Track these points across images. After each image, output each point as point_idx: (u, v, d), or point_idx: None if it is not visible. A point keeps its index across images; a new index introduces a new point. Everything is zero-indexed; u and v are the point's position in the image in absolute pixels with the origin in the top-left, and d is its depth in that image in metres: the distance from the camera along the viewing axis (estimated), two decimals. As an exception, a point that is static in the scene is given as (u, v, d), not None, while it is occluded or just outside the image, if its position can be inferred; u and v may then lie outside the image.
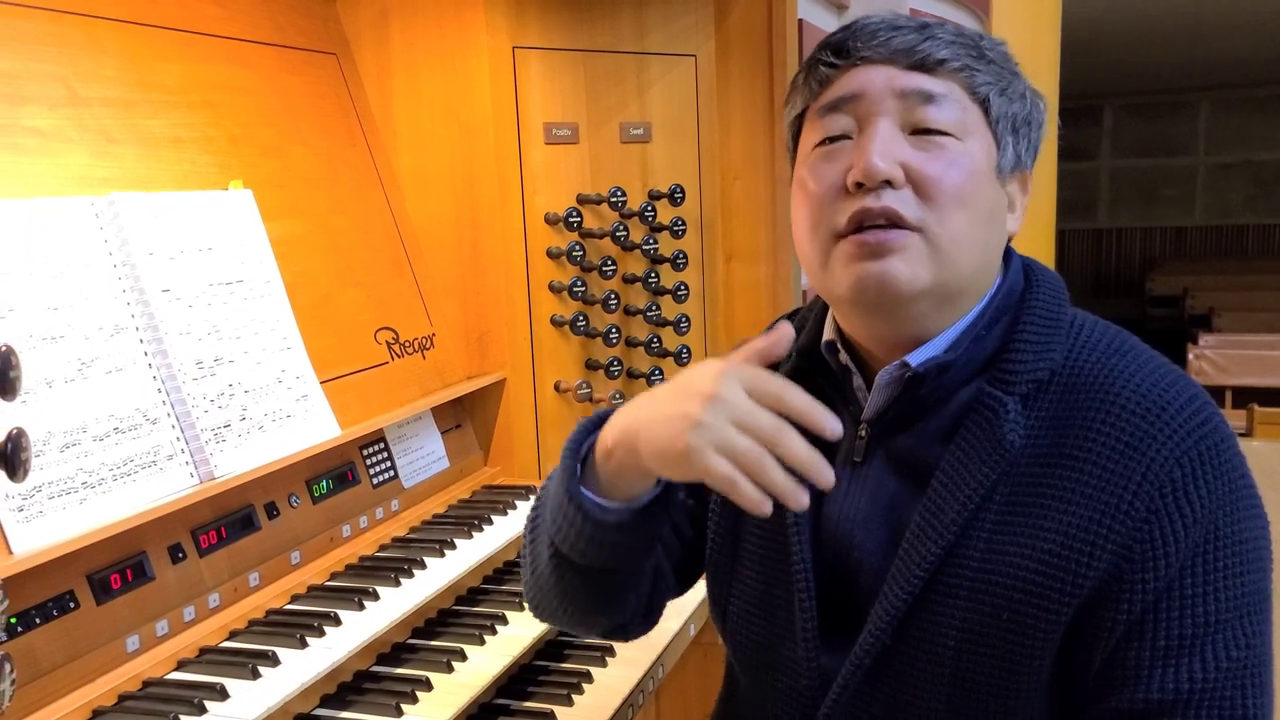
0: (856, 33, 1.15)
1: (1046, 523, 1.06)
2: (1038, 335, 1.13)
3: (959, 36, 1.14)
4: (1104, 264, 13.13)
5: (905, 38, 1.12)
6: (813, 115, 1.18)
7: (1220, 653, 1.03)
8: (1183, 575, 1.03)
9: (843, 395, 1.23)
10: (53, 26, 1.71)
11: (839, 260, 1.12)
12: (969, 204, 1.10)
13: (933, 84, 1.11)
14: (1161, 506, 1.03)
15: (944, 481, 1.10)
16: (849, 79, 1.14)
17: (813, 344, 1.25)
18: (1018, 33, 4.15)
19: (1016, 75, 1.17)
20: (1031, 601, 1.06)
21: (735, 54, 2.50)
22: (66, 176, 1.66)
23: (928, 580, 1.09)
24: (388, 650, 1.74)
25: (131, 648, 1.52)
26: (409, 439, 2.19)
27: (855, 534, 1.18)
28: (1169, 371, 1.11)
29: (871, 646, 1.12)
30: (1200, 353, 7.45)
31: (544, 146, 2.32)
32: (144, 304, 1.67)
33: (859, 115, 1.13)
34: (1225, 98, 12.21)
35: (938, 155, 1.10)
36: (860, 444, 1.20)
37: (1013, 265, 1.21)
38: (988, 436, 1.09)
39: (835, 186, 1.12)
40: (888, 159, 1.08)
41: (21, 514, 1.40)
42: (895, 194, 1.08)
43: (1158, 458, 1.04)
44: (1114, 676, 1.06)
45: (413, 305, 2.29)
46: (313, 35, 2.27)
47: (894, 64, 1.12)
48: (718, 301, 2.60)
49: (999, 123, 1.14)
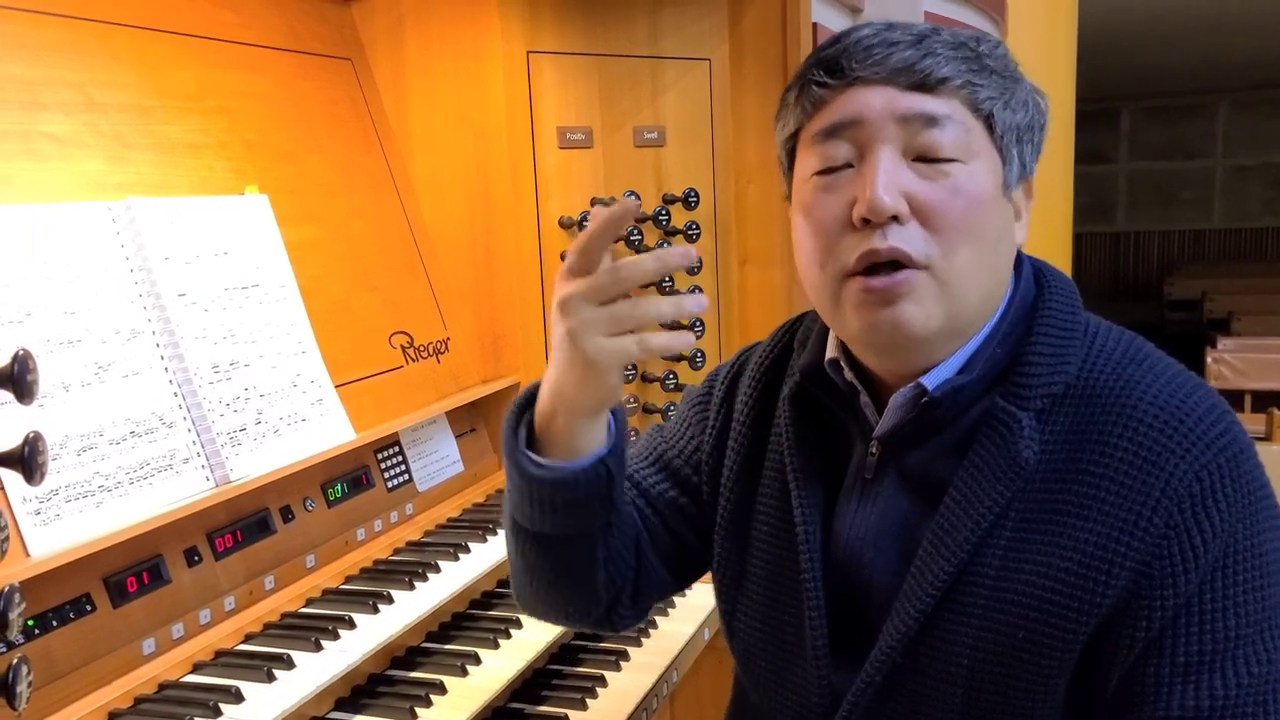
0: (850, 49, 1.09)
1: (1063, 540, 1.04)
2: (1051, 347, 1.10)
3: (958, 46, 1.09)
4: (1122, 268, 13.06)
5: (903, 54, 1.07)
6: (808, 139, 1.13)
7: (1241, 669, 1.01)
8: (1202, 591, 1.01)
9: (851, 412, 1.21)
10: (69, 33, 1.72)
11: (850, 302, 1.09)
12: (976, 234, 1.07)
13: (935, 105, 1.06)
14: (1180, 522, 1.01)
15: (957, 499, 1.08)
16: (845, 101, 1.09)
17: (816, 362, 1.23)
18: (1034, 35, 4.13)
19: (1018, 80, 1.13)
20: (1048, 620, 1.04)
21: (749, 57, 2.49)
22: (83, 182, 1.67)
23: (940, 598, 1.08)
24: (402, 654, 1.74)
25: (147, 650, 1.53)
26: (423, 443, 2.19)
27: (866, 552, 1.16)
28: (1186, 380, 1.09)
29: (882, 664, 1.10)
30: (1219, 356, 7.40)
31: (558, 151, 2.33)
32: (160, 308, 1.68)
33: (859, 142, 1.08)
34: (1244, 100, 12.13)
35: (943, 184, 1.06)
36: (871, 461, 1.18)
37: (1023, 273, 1.18)
38: (1002, 454, 1.07)
39: (840, 220, 1.09)
40: (892, 192, 1.05)
41: (39, 517, 1.41)
42: (901, 231, 1.05)
43: (1176, 472, 1.02)
44: (1133, 694, 1.03)
45: (427, 309, 2.30)
46: (328, 41, 2.28)
47: (892, 84, 1.07)
48: (732, 305, 2.59)
49: (1003, 137, 1.10)
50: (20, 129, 1.60)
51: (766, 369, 1.33)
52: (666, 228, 2.43)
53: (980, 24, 3.62)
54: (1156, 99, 12.44)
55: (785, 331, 1.37)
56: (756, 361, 1.35)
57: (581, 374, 1.08)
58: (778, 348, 1.35)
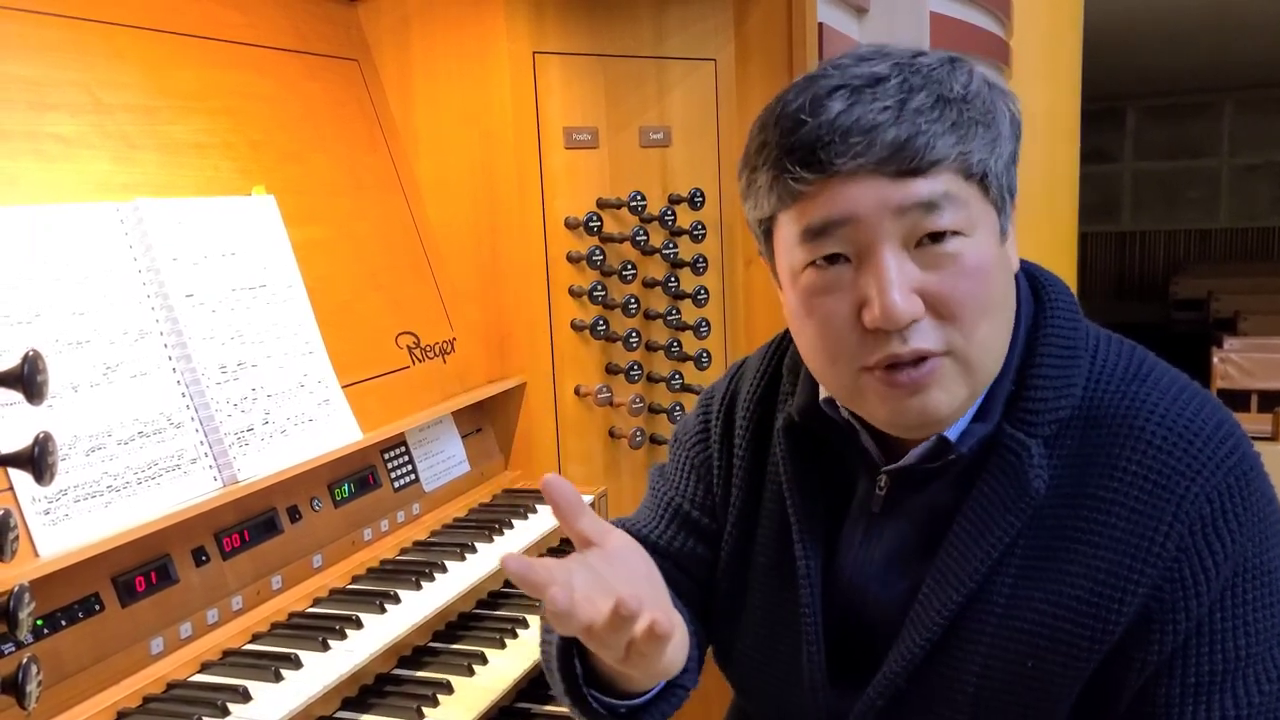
0: (824, 137, 0.98)
1: (1073, 568, 1.03)
2: (1056, 369, 1.08)
3: (940, 106, 0.99)
4: (1127, 268, 13.04)
5: (885, 136, 0.97)
6: (792, 230, 1.06)
7: (1253, 687, 1.01)
8: (1213, 611, 1.00)
9: (853, 446, 1.19)
10: (74, 34, 1.73)
11: (873, 392, 1.05)
12: (989, 308, 1.04)
13: (929, 187, 0.99)
14: (1192, 545, 1.00)
15: (966, 529, 1.07)
16: (830, 197, 1.00)
17: (811, 403, 1.19)
18: (1039, 34, 4.13)
19: (997, 116, 1.04)
20: (1058, 649, 1.03)
21: (755, 57, 2.49)
22: (90, 183, 1.67)
23: (947, 627, 1.07)
24: (409, 653, 1.75)
25: (155, 650, 1.53)
26: (430, 443, 2.20)
27: (870, 586, 1.15)
28: (1192, 396, 1.07)
29: (885, 689, 1.10)
30: (1225, 356, 7.38)
31: (564, 151, 2.33)
32: (168, 309, 1.68)
33: (854, 240, 1.01)
34: (1250, 99, 12.11)
35: (950, 269, 1.01)
36: (879, 496, 1.16)
37: (1021, 291, 1.14)
38: (1013, 484, 1.05)
39: (847, 321, 1.03)
40: (906, 296, 0.99)
41: (48, 517, 1.41)
42: (919, 329, 1.01)
43: (1188, 495, 1.00)
44: (1144, 714, 1.03)
45: (433, 310, 2.30)
46: (334, 41, 2.28)
47: (880, 173, 0.98)
48: (738, 305, 2.59)
49: (997, 187, 1.05)
50: (27, 129, 1.60)
51: (757, 400, 1.30)
52: (672, 228, 2.43)
53: (985, 24, 3.61)
54: (1162, 98, 12.43)
55: (773, 354, 1.33)
56: (747, 394, 1.31)
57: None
58: (766, 375, 1.31)
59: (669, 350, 2.45)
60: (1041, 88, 4.09)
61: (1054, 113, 4.28)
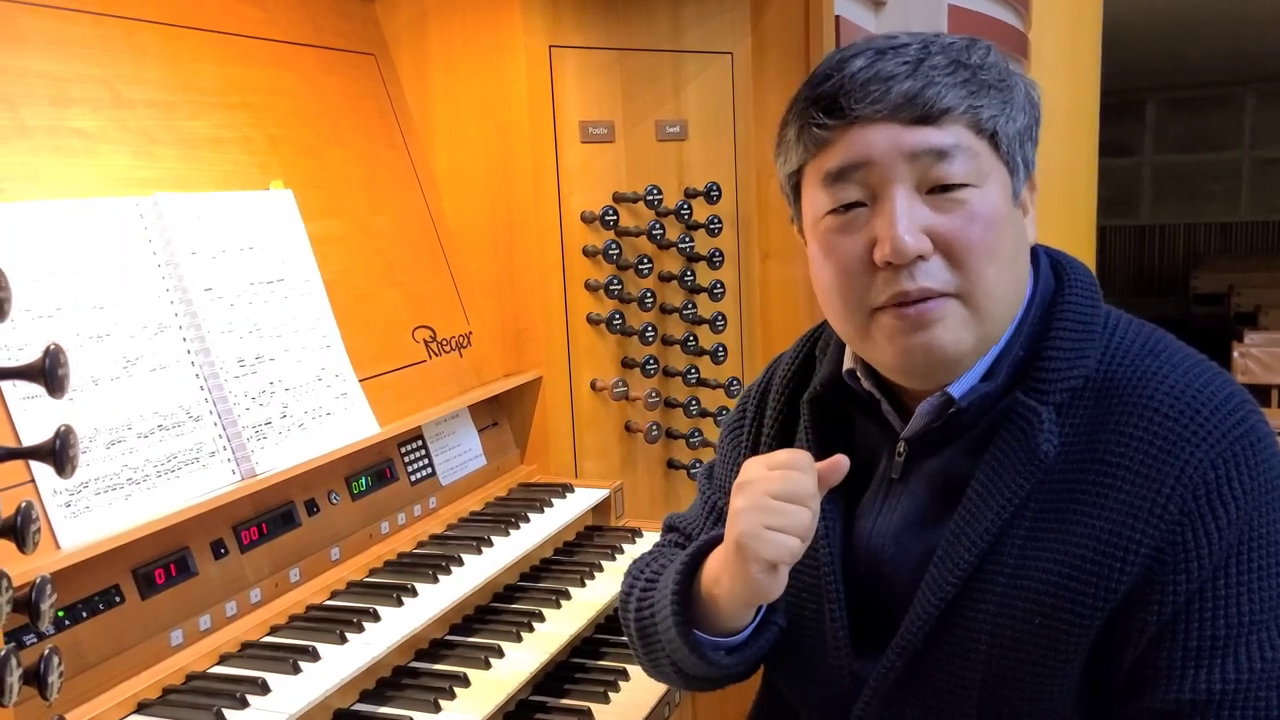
0: (845, 85, 1.08)
1: (1079, 528, 1.06)
2: (1071, 341, 1.12)
3: (953, 68, 1.08)
4: (1147, 261, 12.94)
5: (901, 87, 1.06)
6: (815, 178, 1.14)
7: (1254, 654, 1.02)
8: (1216, 577, 1.02)
9: (873, 416, 1.23)
10: (95, 29, 1.74)
11: (881, 334, 1.12)
12: (997, 255, 1.09)
13: (941, 136, 1.07)
14: (1195, 509, 1.02)
15: (979, 491, 1.11)
16: (849, 142, 1.09)
17: (835, 373, 1.25)
18: (1059, 27, 4.10)
19: (1013, 86, 1.12)
20: (1064, 607, 1.05)
21: (771, 51, 2.48)
22: (110, 177, 1.68)
23: (961, 587, 1.10)
24: (426, 646, 1.75)
25: (175, 642, 1.54)
26: (446, 437, 2.20)
27: (888, 548, 1.19)
28: (1205, 370, 1.10)
29: (904, 650, 1.13)
30: (1246, 351, 7.31)
31: (580, 145, 2.33)
32: (187, 303, 1.69)
33: (869, 183, 1.09)
34: (1272, 90, 11.98)
35: (960, 213, 1.07)
36: (898, 462, 1.20)
37: (1041, 268, 1.19)
38: (1022, 447, 1.09)
39: (860, 260, 1.10)
40: (914, 233, 1.06)
41: (69, 509, 1.43)
42: (927, 267, 1.07)
43: (1191, 460, 1.03)
44: (1146, 676, 1.05)
45: (450, 304, 2.30)
46: (351, 36, 2.29)
47: (895, 120, 1.07)
48: (754, 299, 2.59)
49: (1008, 149, 1.11)
50: (49, 125, 1.61)
51: (791, 378, 1.35)
52: (688, 222, 2.43)
53: (1004, 15, 3.59)
54: (1182, 90, 12.31)
55: (807, 341, 1.39)
56: (782, 374, 1.37)
57: (732, 556, 1.12)
58: (800, 358, 1.37)
59: (685, 344, 2.45)
60: (1060, 80, 4.06)
61: (1073, 106, 4.25)
